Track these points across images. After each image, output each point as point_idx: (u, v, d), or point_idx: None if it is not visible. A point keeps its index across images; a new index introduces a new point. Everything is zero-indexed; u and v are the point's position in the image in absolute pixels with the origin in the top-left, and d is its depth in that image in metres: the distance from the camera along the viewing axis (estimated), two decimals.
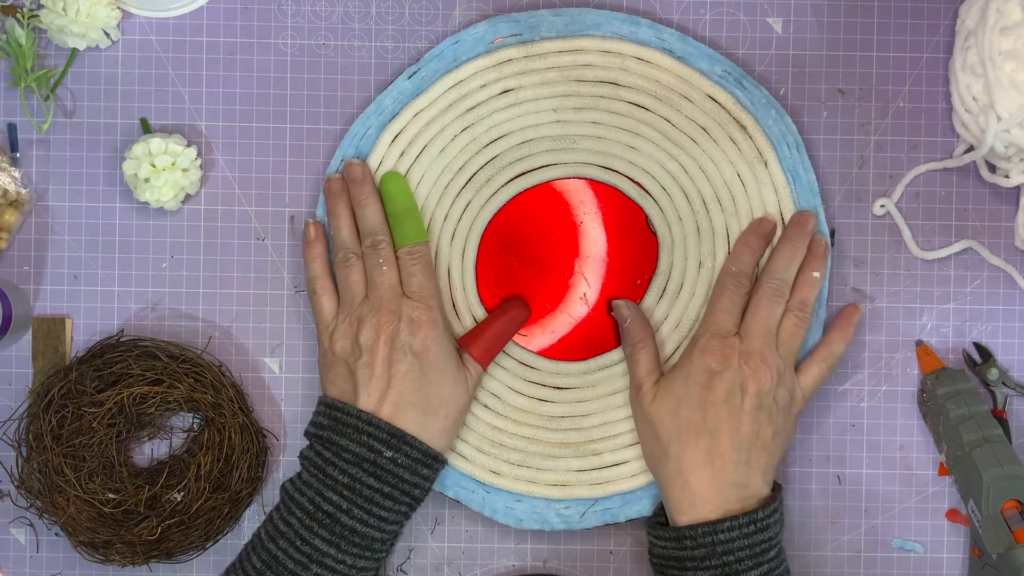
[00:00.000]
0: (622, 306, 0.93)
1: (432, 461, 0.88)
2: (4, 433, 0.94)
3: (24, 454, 0.92)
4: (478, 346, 0.91)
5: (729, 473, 0.87)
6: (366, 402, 0.88)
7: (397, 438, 0.87)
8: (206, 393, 0.92)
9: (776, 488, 0.90)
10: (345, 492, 0.86)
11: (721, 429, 0.87)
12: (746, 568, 0.86)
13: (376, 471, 0.86)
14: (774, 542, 0.87)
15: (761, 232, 0.92)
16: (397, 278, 0.90)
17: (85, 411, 0.91)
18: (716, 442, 0.87)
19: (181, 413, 0.95)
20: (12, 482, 0.93)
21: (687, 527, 0.86)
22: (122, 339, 0.94)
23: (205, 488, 0.91)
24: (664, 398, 0.89)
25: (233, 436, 0.92)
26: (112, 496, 0.92)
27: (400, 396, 0.88)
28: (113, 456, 0.92)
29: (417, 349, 0.88)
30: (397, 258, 0.91)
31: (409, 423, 0.88)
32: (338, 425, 0.88)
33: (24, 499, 0.93)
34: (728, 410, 0.87)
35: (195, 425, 0.94)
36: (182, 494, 0.92)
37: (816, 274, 0.91)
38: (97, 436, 0.92)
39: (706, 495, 0.87)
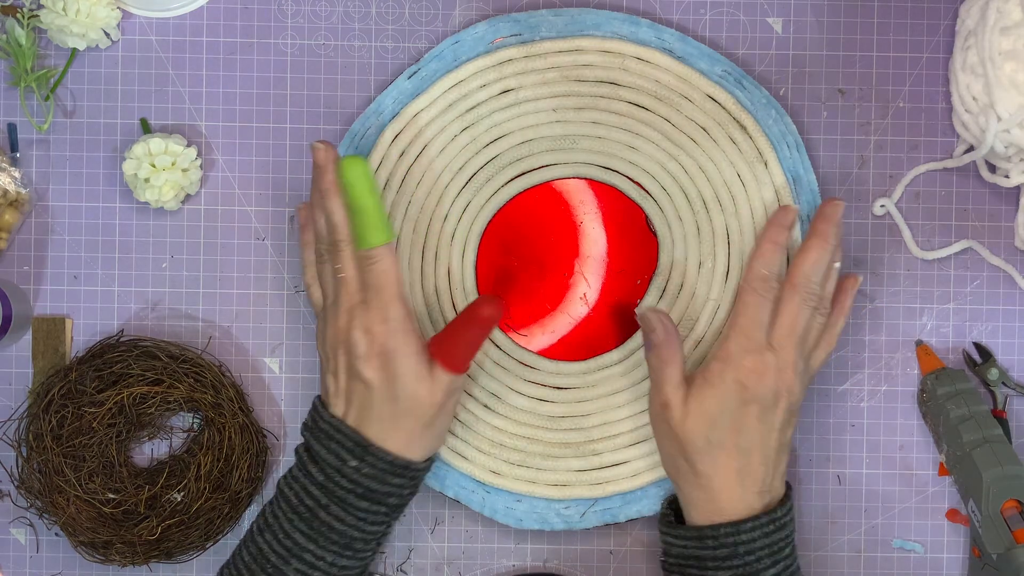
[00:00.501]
0: (651, 317, 0.88)
1: (402, 470, 0.86)
2: (4, 433, 0.94)
3: (24, 454, 0.92)
4: (443, 352, 0.86)
5: (757, 485, 0.86)
6: (335, 407, 0.87)
7: (362, 447, 0.85)
8: (206, 393, 0.92)
9: (787, 486, 0.90)
10: (323, 489, 0.86)
11: (753, 449, 0.86)
12: (765, 567, 0.85)
13: (346, 476, 0.85)
14: (789, 539, 0.87)
15: (786, 224, 0.89)
16: (356, 283, 0.85)
17: (85, 411, 0.91)
18: (748, 461, 0.86)
19: (181, 413, 0.95)
20: (12, 482, 0.93)
21: (709, 527, 0.86)
22: (122, 339, 0.94)
23: (205, 488, 0.91)
24: (697, 417, 0.86)
25: (233, 436, 0.92)
26: (112, 496, 0.92)
27: (363, 406, 0.85)
28: (113, 456, 0.92)
29: (375, 363, 0.84)
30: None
31: (374, 432, 0.85)
32: (315, 426, 0.87)
33: (24, 499, 0.93)
34: (762, 429, 0.86)
35: (195, 425, 0.94)
36: (182, 494, 0.92)
37: (837, 265, 0.89)
38: (97, 436, 0.92)
39: (730, 500, 0.86)
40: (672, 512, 0.91)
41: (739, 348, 0.86)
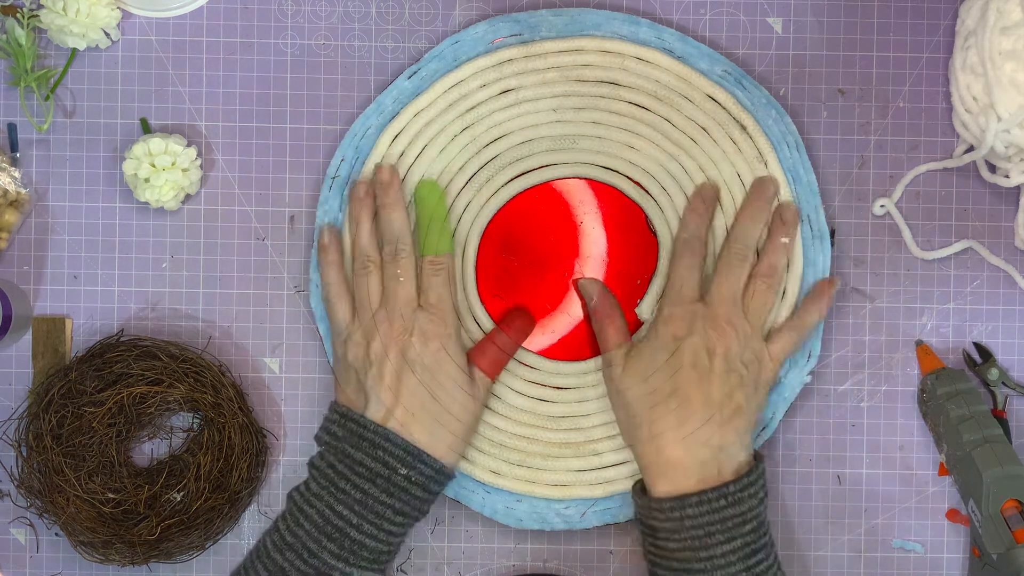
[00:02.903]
0: (587, 284, 0.93)
1: (445, 478, 0.88)
2: (4, 433, 0.94)
3: (24, 454, 0.92)
4: (486, 359, 0.91)
5: (702, 434, 0.86)
6: (375, 414, 0.87)
7: (413, 456, 0.86)
8: (206, 393, 0.92)
9: (757, 458, 0.89)
10: (356, 507, 0.85)
11: (691, 390, 0.87)
12: (717, 542, 0.85)
13: (389, 487, 0.86)
14: (751, 515, 0.86)
15: (705, 196, 0.92)
16: (414, 290, 0.89)
17: (85, 411, 0.91)
18: (687, 403, 0.87)
19: (181, 413, 0.95)
20: (12, 482, 0.93)
21: (655, 499, 0.86)
22: (122, 339, 0.94)
23: (205, 488, 0.91)
24: (633, 368, 0.89)
25: (233, 436, 0.92)
26: (112, 496, 0.92)
27: (409, 410, 0.87)
28: (113, 456, 0.92)
29: (428, 363, 0.88)
30: (419, 267, 0.90)
31: (419, 438, 0.87)
32: (354, 438, 0.87)
33: (24, 499, 0.93)
34: (697, 373, 0.87)
35: (195, 425, 0.94)
36: (181, 494, 0.92)
37: (785, 240, 0.91)
38: (97, 436, 0.92)
39: (680, 459, 0.86)
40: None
41: (670, 303, 0.90)
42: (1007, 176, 0.93)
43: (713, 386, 0.87)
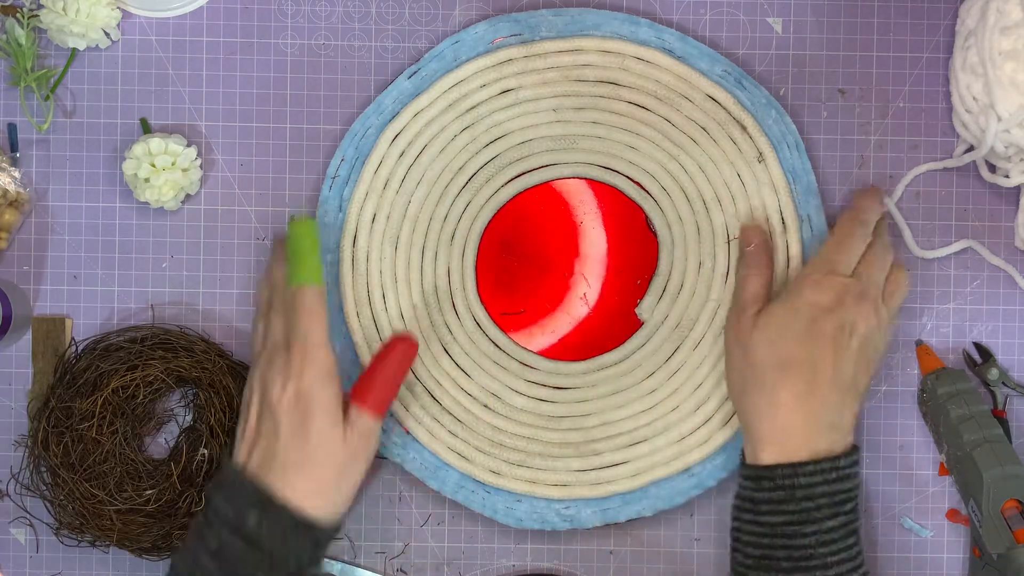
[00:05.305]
0: (749, 230, 0.91)
1: (305, 530, 0.80)
2: (20, 484, 0.93)
3: (49, 496, 0.92)
4: (364, 394, 0.84)
5: (824, 412, 0.83)
6: (237, 456, 0.83)
7: (264, 501, 0.80)
8: (179, 355, 0.91)
9: (855, 447, 0.86)
10: (216, 559, 0.80)
11: (824, 363, 0.83)
12: (824, 516, 0.82)
13: (247, 538, 0.80)
14: (853, 494, 0.84)
15: (869, 192, 0.91)
16: (283, 328, 0.84)
17: (82, 429, 0.90)
18: (818, 374, 0.83)
19: (170, 394, 0.94)
20: (51, 529, 0.93)
21: (765, 467, 0.83)
22: (79, 347, 0.93)
23: (226, 441, 0.90)
24: (766, 327, 0.85)
25: (225, 381, 0.91)
26: (149, 492, 0.91)
27: (267, 452, 0.81)
28: (131, 458, 0.92)
29: (288, 404, 0.81)
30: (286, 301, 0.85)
31: (277, 479, 0.80)
32: (217, 480, 0.83)
33: (74, 538, 0.92)
34: (834, 348, 0.84)
35: (189, 394, 0.94)
36: (207, 451, 0.91)
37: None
38: (106, 447, 0.91)
39: (797, 429, 0.83)
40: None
41: (819, 271, 0.86)
42: (1007, 176, 0.93)
43: (847, 363, 0.84)
